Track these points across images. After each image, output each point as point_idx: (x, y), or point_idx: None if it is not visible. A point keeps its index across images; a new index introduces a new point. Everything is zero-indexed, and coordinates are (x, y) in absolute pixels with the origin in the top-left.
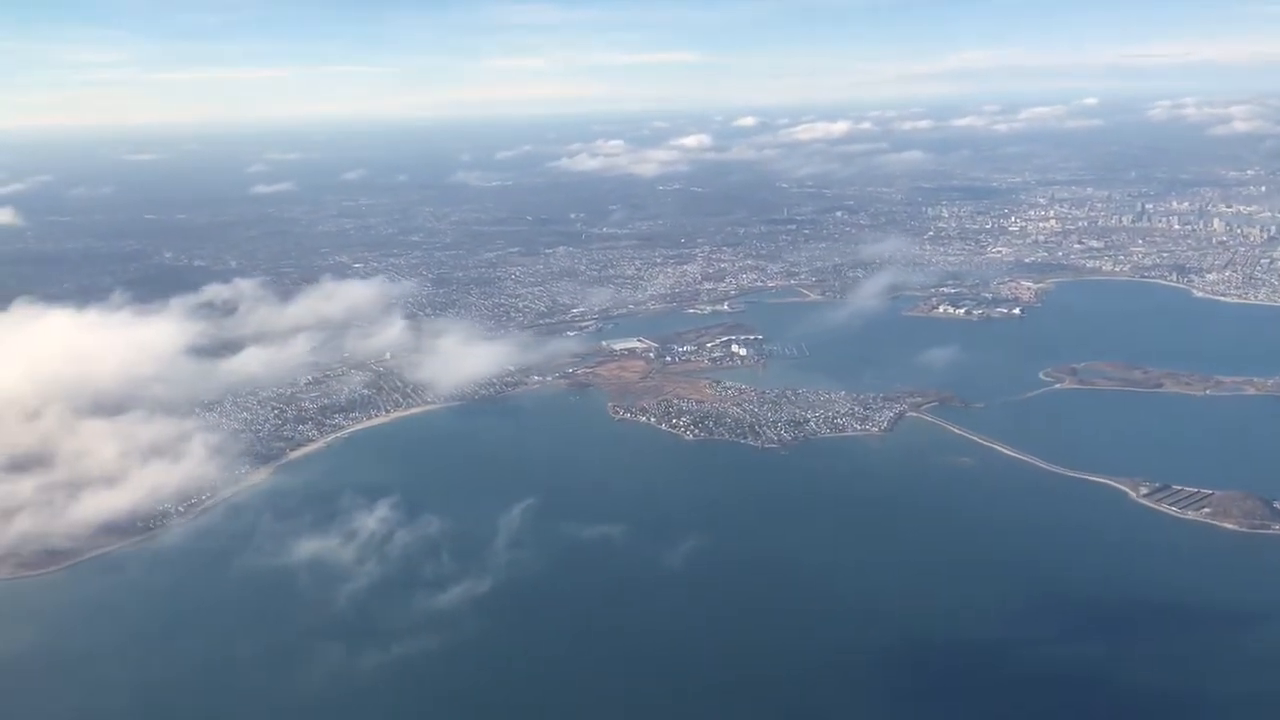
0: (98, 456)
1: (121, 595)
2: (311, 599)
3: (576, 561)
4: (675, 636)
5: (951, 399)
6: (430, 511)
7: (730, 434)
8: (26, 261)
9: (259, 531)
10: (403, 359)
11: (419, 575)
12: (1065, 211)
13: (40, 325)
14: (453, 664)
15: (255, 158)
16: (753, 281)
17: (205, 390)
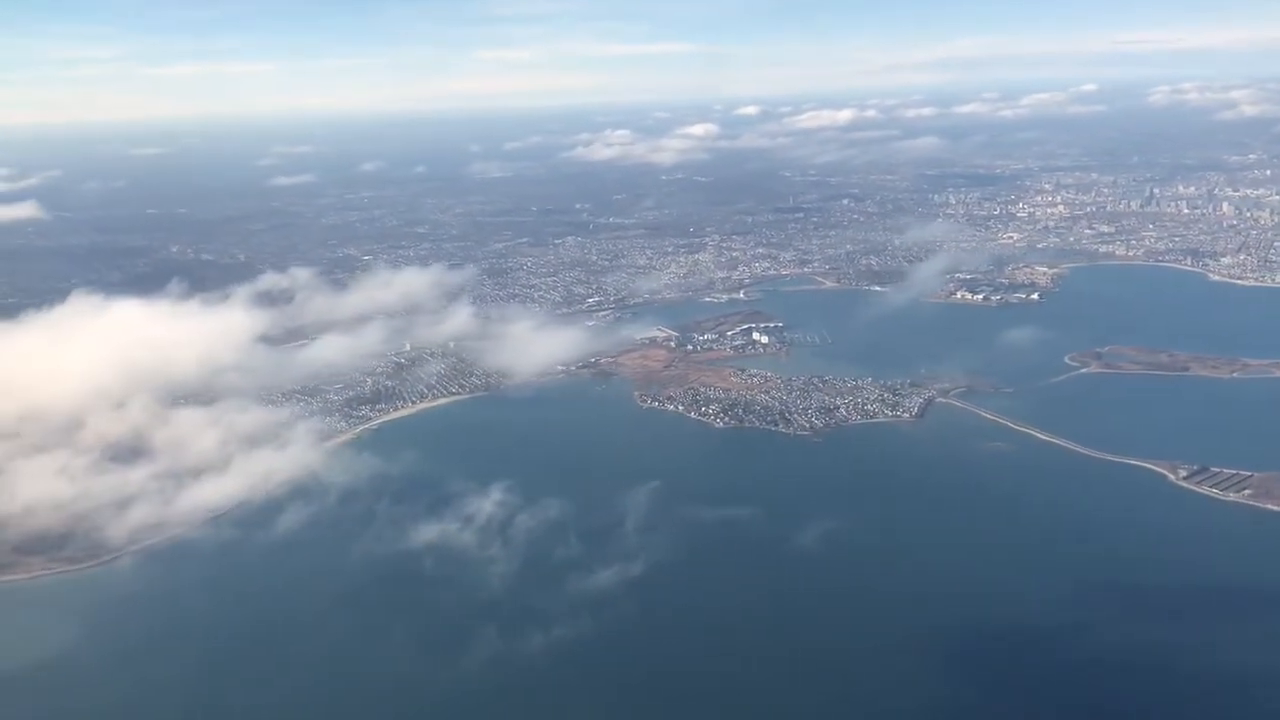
0: (199, 444)
1: (257, 582)
2: (457, 582)
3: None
4: (803, 613)
5: (979, 384)
6: (531, 495)
7: (761, 421)
8: (62, 255)
9: (376, 516)
10: (470, 346)
11: (551, 558)
12: (1072, 197)
13: (109, 316)
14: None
15: (261, 151)
16: (766, 270)
17: (281, 378)
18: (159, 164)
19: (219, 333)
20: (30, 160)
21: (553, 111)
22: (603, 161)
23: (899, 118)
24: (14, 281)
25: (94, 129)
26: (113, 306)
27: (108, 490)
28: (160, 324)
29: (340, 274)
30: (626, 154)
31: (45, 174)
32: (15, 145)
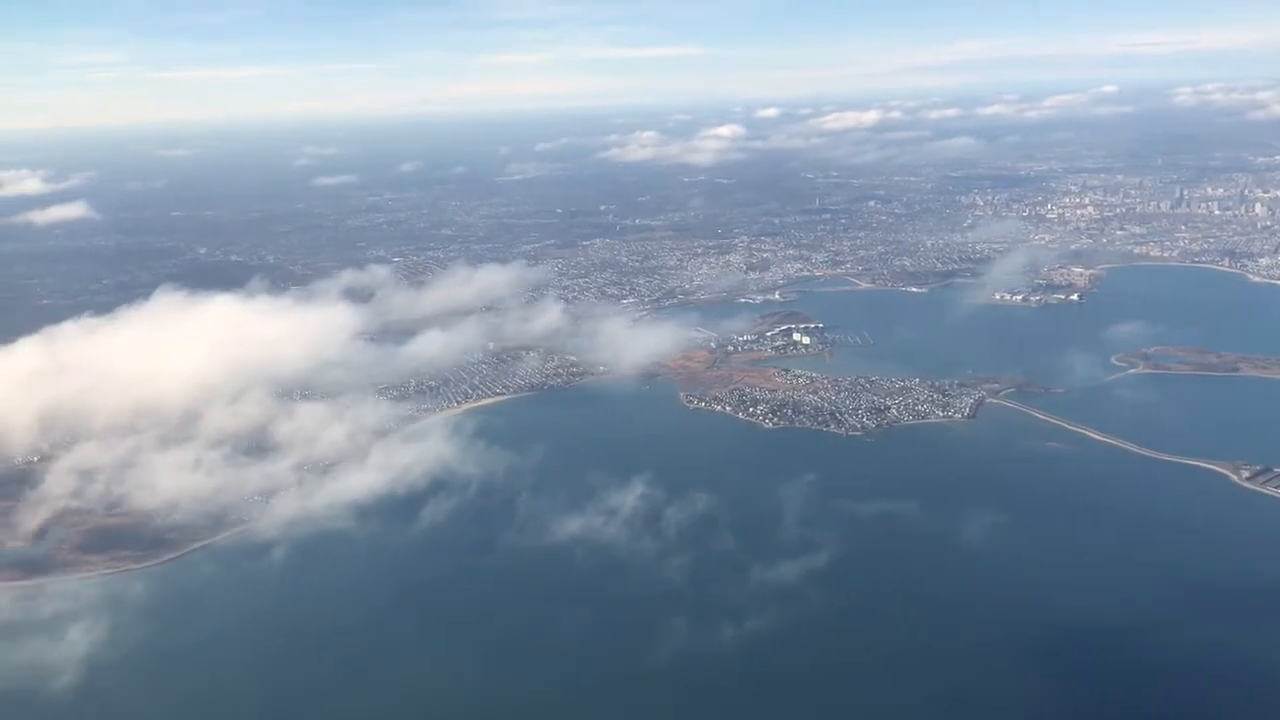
0: (326, 437)
1: (417, 572)
2: (628, 573)
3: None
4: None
5: (1029, 385)
6: (664, 489)
7: (811, 422)
8: (123, 253)
9: (516, 507)
10: (565, 341)
11: (714, 550)
12: (1100, 199)
13: (207, 311)
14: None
15: (289, 153)
16: (799, 271)
17: (386, 373)
18: (189, 165)
19: (318, 328)
20: (61, 162)
21: (568, 114)
22: (637, 163)
23: (924, 119)
24: (91, 277)
25: (112, 132)
26: (205, 302)
27: (248, 482)
28: (257, 319)
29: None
30: (662, 154)
31: (81, 175)
32: (43, 148)
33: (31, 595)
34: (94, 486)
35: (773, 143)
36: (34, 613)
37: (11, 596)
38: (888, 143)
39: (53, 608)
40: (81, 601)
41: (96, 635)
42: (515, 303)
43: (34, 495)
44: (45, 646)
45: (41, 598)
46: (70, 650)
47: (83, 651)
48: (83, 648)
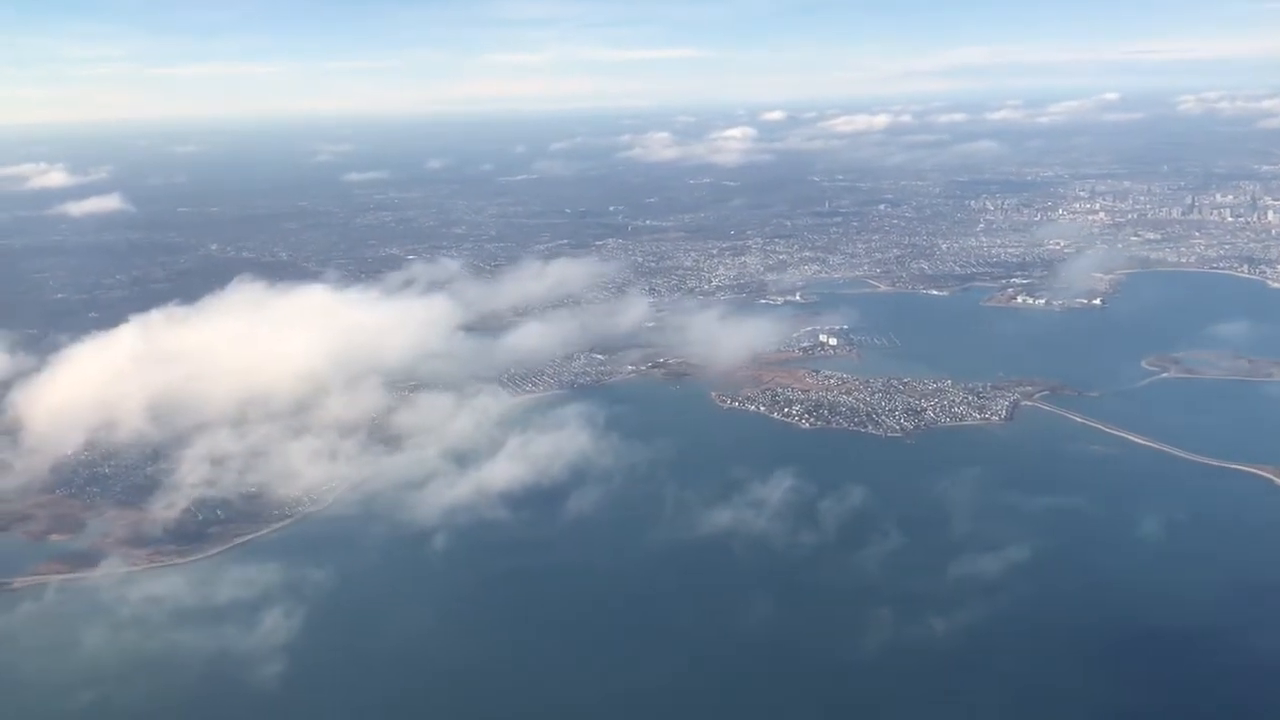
0: (455, 428)
1: (594, 561)
2: (813, 565)
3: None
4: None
5: (1063, 388)
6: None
7: (847, 423)
8: (138, 250)
9: (664, 498)
10: (654, 335)
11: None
12: (1110, 204)
13: (298, 302)
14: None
15: (302, 149)
16: (816, 273)
17: (490, 364)
18: (204, 160)
19: (417, 319)
20: (74, 157)
21: (574, 115)
22: (660, 163)
23: (933, 123)
24: (103, 272)
25: (116, 127)
26: (288, 293)
27: (389, 471)
28: (354, 310)
29: (388, 271)
30: (687, 154)
31: (99, 169)
32: (49, 142)
33: (197, 578)
34: (230, 474)
35: (789, 144)
36: (211, 597)
37: (185, 577)
38: (911, 145)
39: (230, 593)
40: (258, 586)
41: (293, 620)
42: (594, 297)
43: (170, 483)
44: (243, 629)
45: (209, 582)
46: (263, 634)
47: (282, 637)
48: (281, 633)
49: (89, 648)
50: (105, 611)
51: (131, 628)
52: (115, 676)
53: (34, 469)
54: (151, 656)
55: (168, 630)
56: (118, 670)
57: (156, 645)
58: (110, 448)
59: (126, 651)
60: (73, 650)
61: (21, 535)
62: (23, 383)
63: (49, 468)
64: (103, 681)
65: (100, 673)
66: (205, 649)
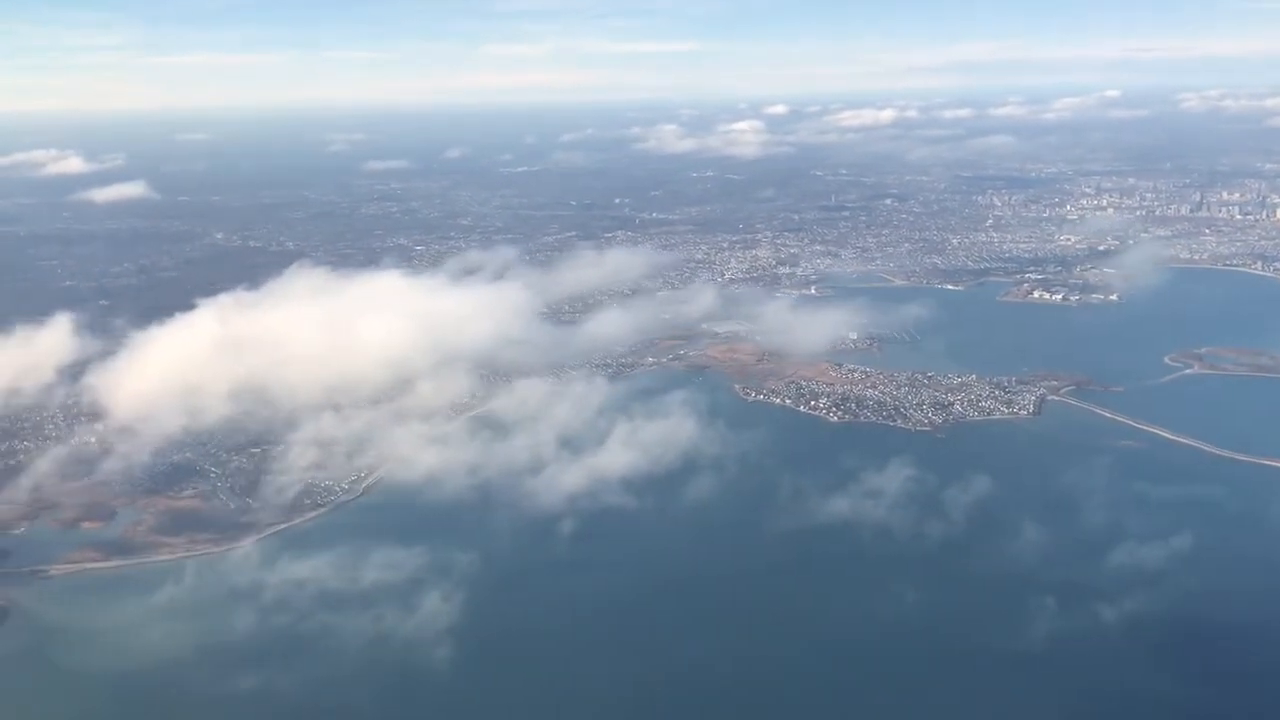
0: (556, 414)
1: (722, 550)
2: (962, 552)
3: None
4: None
5: (1088, 383)
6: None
7: (875, 416)
8: (141, 238)
9: (779, 486)
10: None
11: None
12: (1117, 201)
13: (371, 288)
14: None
15: (312, 139)
16: (829, 267)
17: (572, 351)
18: (216, 148)
19: (495, 306)
20: (85, 144)
21: (577, 107)
22: (676, 154)
23: (939, 118)
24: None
25: (118, 115)
26: (355, 279)
27: (501, 457)
28: (430, 297)
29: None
30: (703, 147)
31: (111, 157)
32: (58, 129)
33: (339, 561)
34: (339, 460)
35: (801, 138)
36: (359, 581)
37: (332, 558)
38: (926, 139)
39: (378, 577)
40: (406, 570)
41: (453, 605)
42: (657, 285)
43: (279, 468)
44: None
45: (356, 565)
46: (423, 617)
47: (445, 620)
48: (442, 616)
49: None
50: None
51: (282, 610)
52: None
53: (136, 457)
54: (311, 637)
55: (325, 612)
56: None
57: (313, 627)
58: (205, 434)
59: (284, 632)
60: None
61: (136, 524)
62: (97, 368)
63: (151, 454)
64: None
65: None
66: (369, 630)
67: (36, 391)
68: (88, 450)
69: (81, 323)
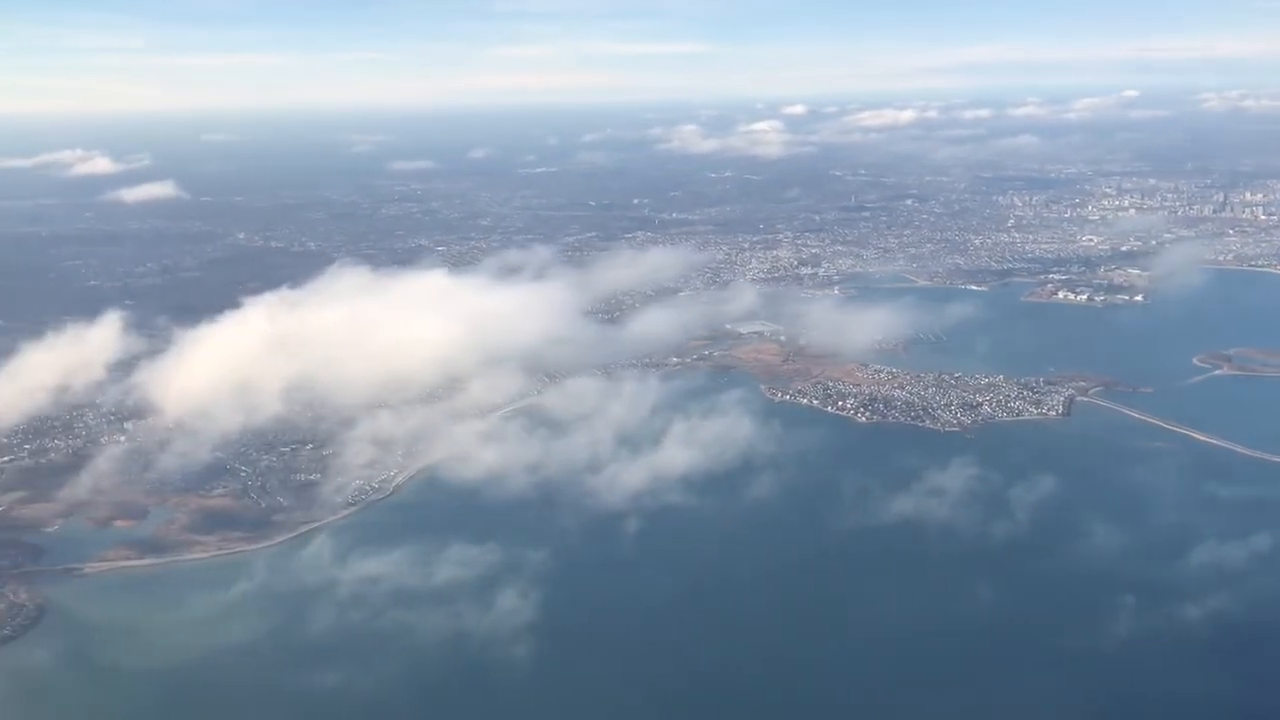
0: (612, 412)
1: (794, 548)
2: (1042, 552)
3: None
4: None
5: (1116, 384)
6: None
7: (904, 417)
8: (164, 238)
9: (841, 485)
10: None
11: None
12: (1138, 202)
13: (416, 287)
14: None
15: (333, 140)
16: (851, 267)
17: (615, 351)
18: (238, 149)
19: (540, 306)
20: (109, 144)
21: (590, 108)
22: (693, 155)
23: (959, 118)
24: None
25: (133, 117)
26: (395, 278)
27: (561, 455)
28: (474, 296)
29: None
30: (727, 147)
31: (137, 158)
32: (79, 130)
33: (409, 558)
34: (376, 457)
35: (824, 138)
36: (430, 578)
37: (404, 556)
38: (950, 139)
39: (449, 574)
40: (477, 567)
41: (526, 601)
42: (696, 284)
43: (337, 465)
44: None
45: (428, 563)
46: (499, 614)
47: (522, 618)
48: (519, 614)
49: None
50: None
51: (314, 607)
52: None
53: (168, 456)
54: (388, 635)
55: (400, 610)
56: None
57: (346, 623)
58: (238, 433)
59: (319, 629)
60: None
61: (169, 522)
62: (127, 367)
63: (183, 453)
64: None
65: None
66: (447, 628)
67: (68, 390)
68: (119, 449)
69: (113, 323)
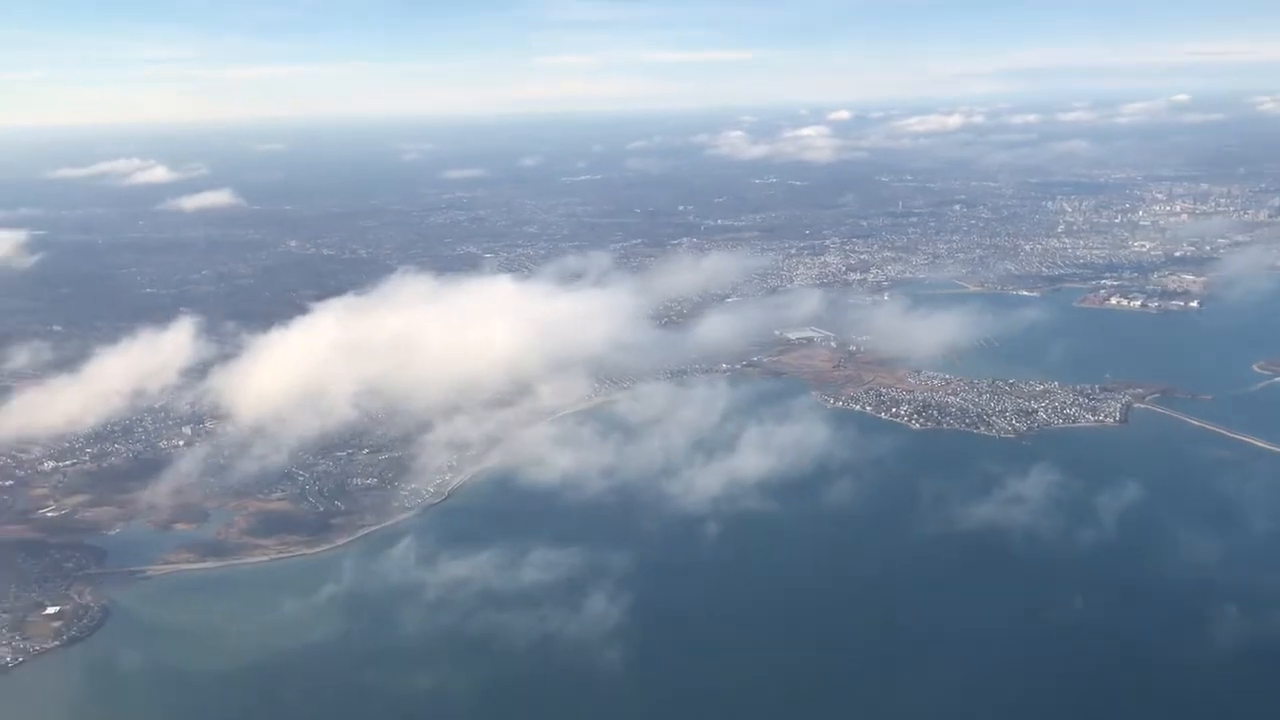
0: (685, 416)
1: (885, 555)
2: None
3: None
4: None
5: (1174, 391)
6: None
7: (958, 424)
8: (217, 246)
9: (921, 491)
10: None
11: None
12: (1190, 206)
13: (480, 292)
14: None
15: (381, 149)
16: (900, 273)
17: (681, 356)
18: (292, 158)
19: (603, 311)
20: (166, 154)
21: (636, 116)
22: (740, 161)
23: (1007, 124)
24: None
25: (187, 128)
26: (471, 284)
27: (636, 460)
28: (539, 301)
29: (461, 270)
30: (777, 152)
31: (195, 166)
32: (136, 140)
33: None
34: (454, 460)
35: (873, 143)
36: (515, 581)
37: (489, 558)
38: (1002, 144)
39: (534, 577)
40: (561, 570)
41: (617, 605)
42: (744, 291)
43: (399, 469)
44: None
45: (510, 566)
46: (588, 618)
47: (612, 622)
48: (609, 618)
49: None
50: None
51: (374, 610)
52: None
53: (225, 460)
54: (476, 639)
55: (488, 612)
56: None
57: (478, 628)
58: (325, 436)
59: (378, 631)
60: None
61: (228, 525)
62: (222, 372)
63: (240, 457)
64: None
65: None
66: (534, 631)
67: (132, 395)
68: (179, 453)
69: (185, 328)
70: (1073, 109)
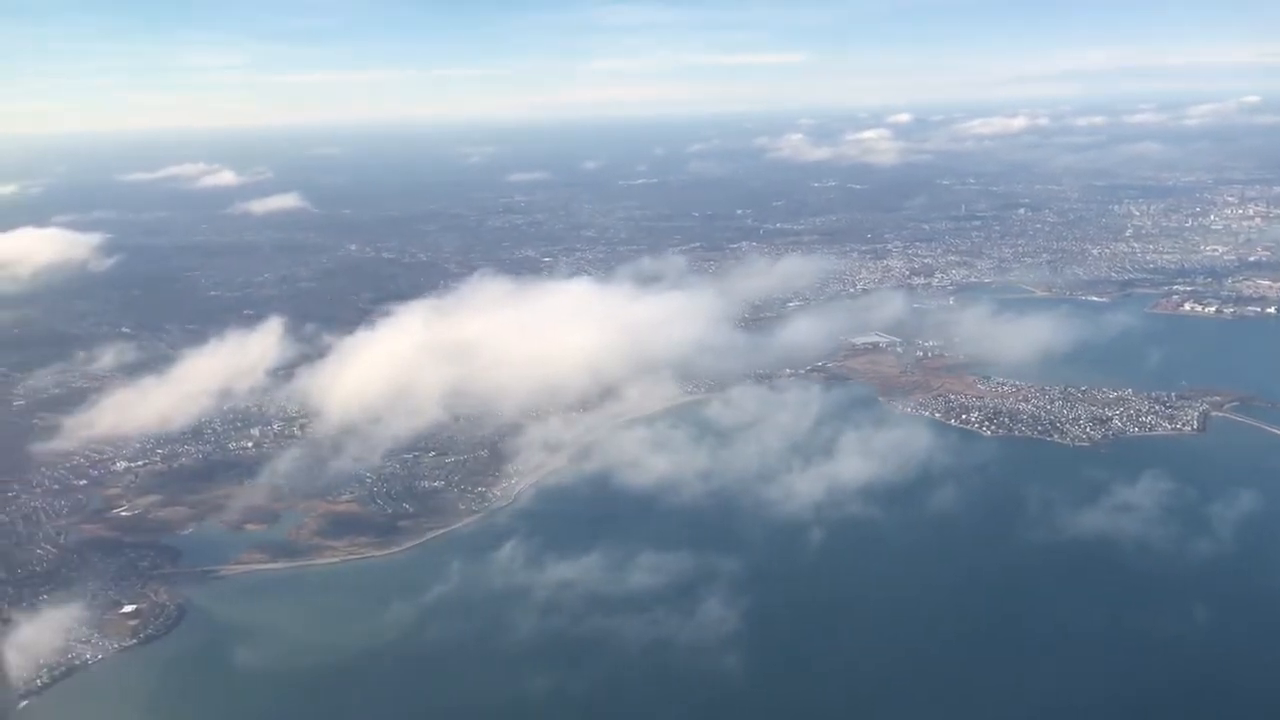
0: (778, 420)
1: (991, 561)
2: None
3: None
4: None
5: (1254, 399)
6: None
7: (1031, 431)
8: (280, 249)
9: (1025, 500)
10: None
11: None
12: (1264, 210)
13: (560, 295)
14: None
15: (442, 152)
16: (965, 277)
17: (765, 360)
18: (352, 162)
19: (684, 314)
20: (229, 158)
21: (692, 119)
22: (804, 164)
23: (1071, 126)
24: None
25: (245, 132)
26: (549, 288)
27: (733, 463)
28: (617, 304)
29: (526, 274)
30: (840, 155)
31: (259, 170)
32: (196, 145)
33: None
34: (565, 461)
35: (938, 145)
36: (624, 583)
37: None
38: (1067, 147)
39: (645, 581)
40: (668, 574)
41: (734, 610)
42: (806, 295)
43: (509, 468)
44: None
45: (619, 567)
46: (703, 622)
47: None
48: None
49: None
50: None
51: (444, 612)
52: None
53: (295, 462)
54: (591, 641)
55: (601, 616)
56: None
57: (588, 630)
58: (403, 439)
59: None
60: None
61: (298, 527)
62: (309, 374)
63: (308, 459)
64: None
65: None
66: (646, 635)
67: (214, 396)
68: (247, 455)
69: (274, 330)
70: (1139, 110)
